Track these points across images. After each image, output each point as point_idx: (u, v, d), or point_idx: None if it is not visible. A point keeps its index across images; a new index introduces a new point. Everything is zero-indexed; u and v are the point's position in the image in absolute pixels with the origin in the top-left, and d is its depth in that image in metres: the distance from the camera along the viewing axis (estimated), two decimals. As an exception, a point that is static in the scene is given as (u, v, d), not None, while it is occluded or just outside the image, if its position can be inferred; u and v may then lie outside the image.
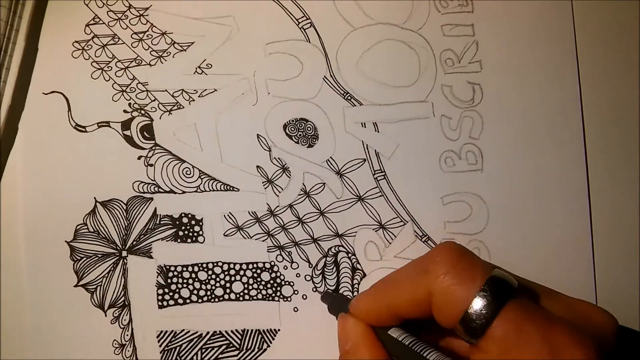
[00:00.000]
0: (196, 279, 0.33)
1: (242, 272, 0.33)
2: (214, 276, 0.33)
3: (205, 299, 0.33)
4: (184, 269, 0.33)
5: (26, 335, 0.32)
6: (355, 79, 0.33)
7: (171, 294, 0.33)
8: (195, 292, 0.33)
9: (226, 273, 0.33)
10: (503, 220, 0.33)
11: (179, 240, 0.33)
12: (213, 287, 0.33)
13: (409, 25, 0.33)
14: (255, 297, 0.33)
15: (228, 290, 0.33)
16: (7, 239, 0.33)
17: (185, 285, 0.33)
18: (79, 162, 0.33)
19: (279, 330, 0.33)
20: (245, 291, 0.33)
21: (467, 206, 0.33)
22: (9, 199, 0.33)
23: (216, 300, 0.33)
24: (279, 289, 0.33)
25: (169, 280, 0.33)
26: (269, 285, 0.33)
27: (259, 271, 0.33)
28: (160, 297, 0.33)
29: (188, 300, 0.33)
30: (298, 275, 0.33)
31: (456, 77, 0.33)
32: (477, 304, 0.22)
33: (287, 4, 0.33)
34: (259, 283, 0.33)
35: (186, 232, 0.33)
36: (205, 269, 0.33)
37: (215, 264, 0.33)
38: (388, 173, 0.33)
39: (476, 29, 0.33)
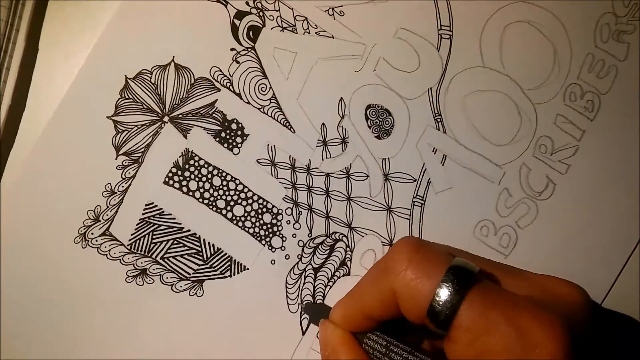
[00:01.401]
0: (209, 181, 0.33)
1: (249, 201, 0.33)
2: (225, 188, 0.33)
3: (206, 202, 0.33)
4: (206, 165, 0.33)
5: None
6: (454, 108, 0.33)
7: (181, 178, 0.33)
8: (201, 190, 0.33)
9: (237, 192, 0.33)
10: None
11: (217, 139, 0.33)
12: (218, 197, 0.33)
13: (531, 95, 0.33)
14: (246, 229, 0.33)
15: (229, 208, 0.33)
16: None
17: (197, 180, 0.33)
18: (179, 18, 0.33)
19: (247, 269, 0.33)
20: (242, 219, 0.33)
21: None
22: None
23: (214, 209, 0.33)
24: (270, 236, 0.33)
25: (187, 166, 0.33)
26: (264, 227, 0.33)
27: (264, 210, 0.33)
28: (169, 175, 0.33)
29: (190, 193, 0.33)
30: (294, 235, 0.33)
31: (540, 165, 0.33)
32: (441, 294, 0.22)
33: (443, 8, 0.33)
34: (257, 219, 0.33)
35: (227, 137, 0.33)
36: (222, 178, 0.33)
37: (233, 179, 0.33)
38: (427, 204, 0.33)
39: (585, 138, 0.33)
